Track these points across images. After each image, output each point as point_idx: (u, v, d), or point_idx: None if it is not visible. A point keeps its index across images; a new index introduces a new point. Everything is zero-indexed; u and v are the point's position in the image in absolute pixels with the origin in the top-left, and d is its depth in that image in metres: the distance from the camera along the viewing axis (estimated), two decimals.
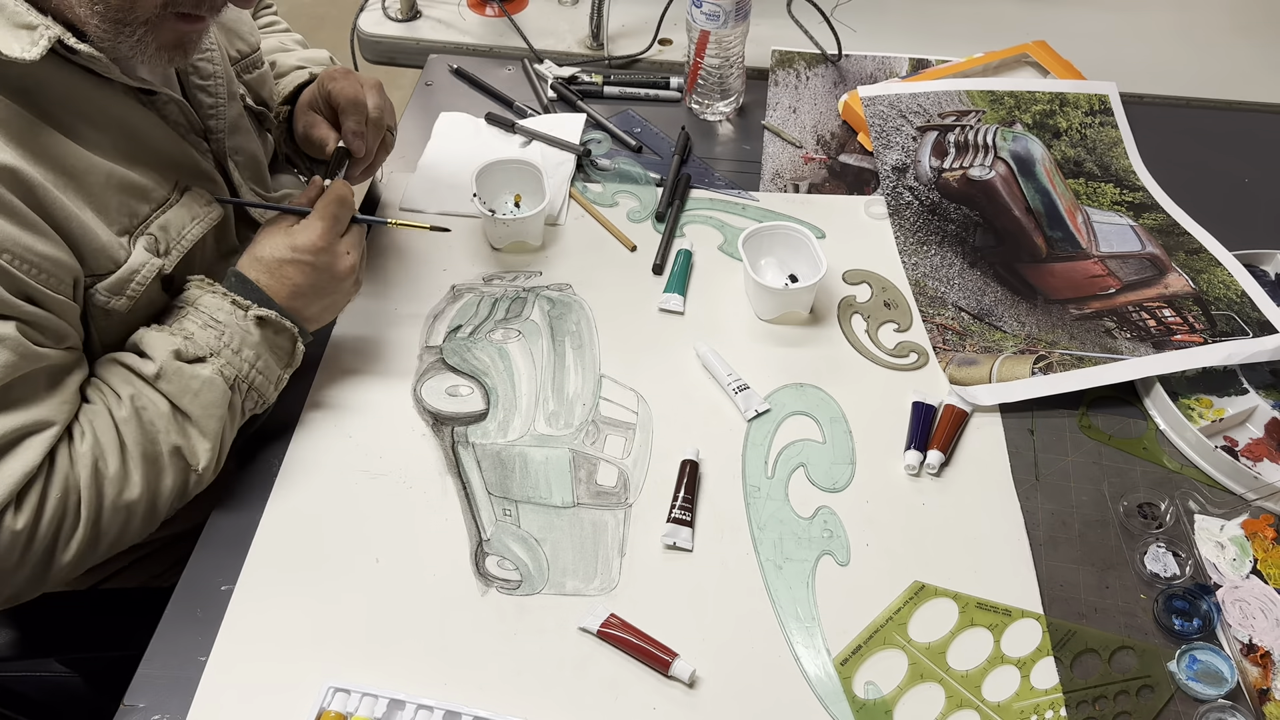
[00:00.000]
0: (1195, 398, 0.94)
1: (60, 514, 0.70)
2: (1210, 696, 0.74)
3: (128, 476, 0.73)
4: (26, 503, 0.68)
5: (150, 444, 0.75)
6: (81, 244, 0.73)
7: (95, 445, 0.72)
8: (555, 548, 0.82)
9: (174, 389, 0.76)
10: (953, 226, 1.10)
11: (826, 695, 0.74)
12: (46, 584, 0.73)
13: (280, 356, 0.83)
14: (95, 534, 0.72)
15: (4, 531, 0.67)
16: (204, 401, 0.77)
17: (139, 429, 0.74)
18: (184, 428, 0.76)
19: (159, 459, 0.75)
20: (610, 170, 1.16)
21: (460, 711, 0.71)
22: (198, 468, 0.77)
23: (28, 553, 0.69)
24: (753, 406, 0.91)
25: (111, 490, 0.72)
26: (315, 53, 1.08)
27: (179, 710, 0.72)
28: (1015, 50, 1.29)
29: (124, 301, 0.77)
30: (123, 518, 0.74)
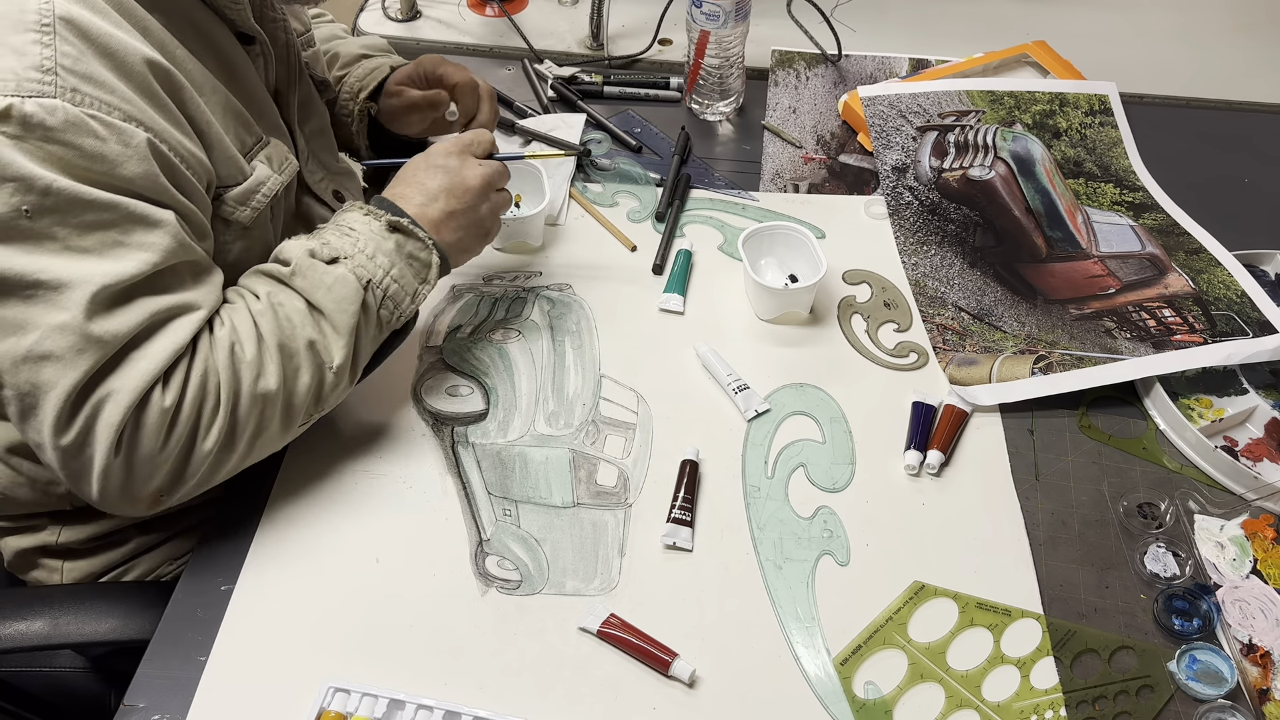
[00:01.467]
0: (1195, 398, 0.94)
1: (201, 396, 0.71)
2: (1210, 696, 0.74)
3: (263, 364, 0.74)
4: (173, 381, 0.70)
5: (285, 336, 0.75)
6: (216, 151, 0.77)
7: (232, 332, 0.74)
8: (555, 548, 0.82)
9: (307, 284, 0.77)
10: (953, 226, 1.10)
11: (826, 695, 0.74)
12: (188, 477, 0.73)
13: (416, 269, 0.82)
14: (233, 423, 0.73)
15: (152, 409, 0.69)
16: (336, 296, 0.77)
17: (274, 321, 0.75)
18: (318, 323, 0.77)
19: (294, 352, 0.76)
20: (610, 170, 1.16)
21: (460, 711, 0.71)
22: (332, 365, 0.77)
23: (172, 433, 0.70)
24: (753, 406, 0.91)
25: (248, 375, 0.73)
26: (373, 39, 1.14)
27: (179, 710, 0.72)
28: (1015, 50, 1.30)
29: (248, 213, 0.81)
30: (260, 409, 0.74)
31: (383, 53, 1.12)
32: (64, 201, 0.65)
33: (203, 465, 0.73)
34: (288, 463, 0.86)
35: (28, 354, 0.66)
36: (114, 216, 0.67)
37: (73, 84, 0.66)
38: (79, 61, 0.66)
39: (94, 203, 0.66)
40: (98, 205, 0.66)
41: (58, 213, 0.65)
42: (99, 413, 0.67)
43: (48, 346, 0.66)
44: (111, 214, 0.67)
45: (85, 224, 0.66)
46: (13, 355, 0.66)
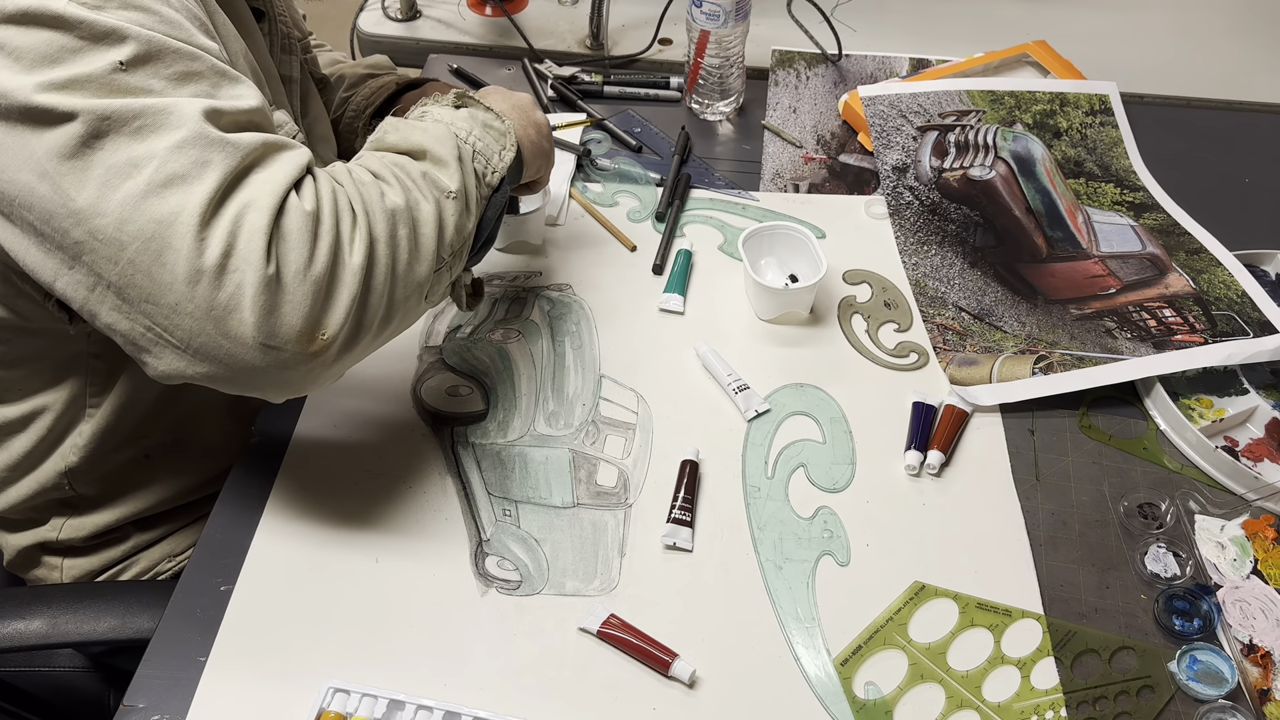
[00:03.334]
0: (1196, 398, 0.94)
1: (336, 207, 0.67)
2: (1210, 697, 0.74)
3: (384, 184, 0.71)
4: (305, 191, 0.66)
5: (398, 168, 0.73)
6: None
7: (342, 166, 0.73)
8: (555, 548, 0.82)
9: (401, 135, 0.76)
10: (953, 226, 1.10)
11: (826, 695, 0.74)
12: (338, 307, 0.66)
13: (494, 135, 0.80)
14: (372, 238, 0.68)
15: (293, 212, 0.64)
16: (433, 135, 0.76)
17: (380, 161, 0.74)
18: (422, 160, 0.75)
19: (410, 180, 0.73)
20: (610, 170, 1.16)
21: (460, 711, 0.71)
22: (450, 190, 0.74)
23: (318, 240, 0.65)
24: (753, 406, 0.91)
25: (372, 193, 0.70)
26: (377, 58, 1.15)
27: (179, 710, 0.72)
28: (1015, 50, 1.30)
29: None
30: (392, 226, 0.69)
31: (387, 70, 1.13)
32: (155, 50, 0.63)
33: (356, 287, 0.66)
34: (288, 462, 0.86)
35: (149, 185, 0.61)
36: (203, 68, 0.66)
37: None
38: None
39: (182, 52, 0.65)
40: (186, 55, 0.65)
41: (151, 62, 0.63)
42: (241, 222, 0.62)
43: (170, 169, 0.61)
44: (200, 65, 0.66)
45: (178, 75, 0.65)
46: (133, 195, 0.61)
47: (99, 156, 0.61)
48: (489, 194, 0.79)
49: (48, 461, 0.88)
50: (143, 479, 0.93)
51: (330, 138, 1.02)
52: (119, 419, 0.87)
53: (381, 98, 1.08)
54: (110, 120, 0.61)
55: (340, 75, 1.11)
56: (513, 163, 0.81)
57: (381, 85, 1.09)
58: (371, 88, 1.09)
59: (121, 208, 0.60)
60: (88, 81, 0.61)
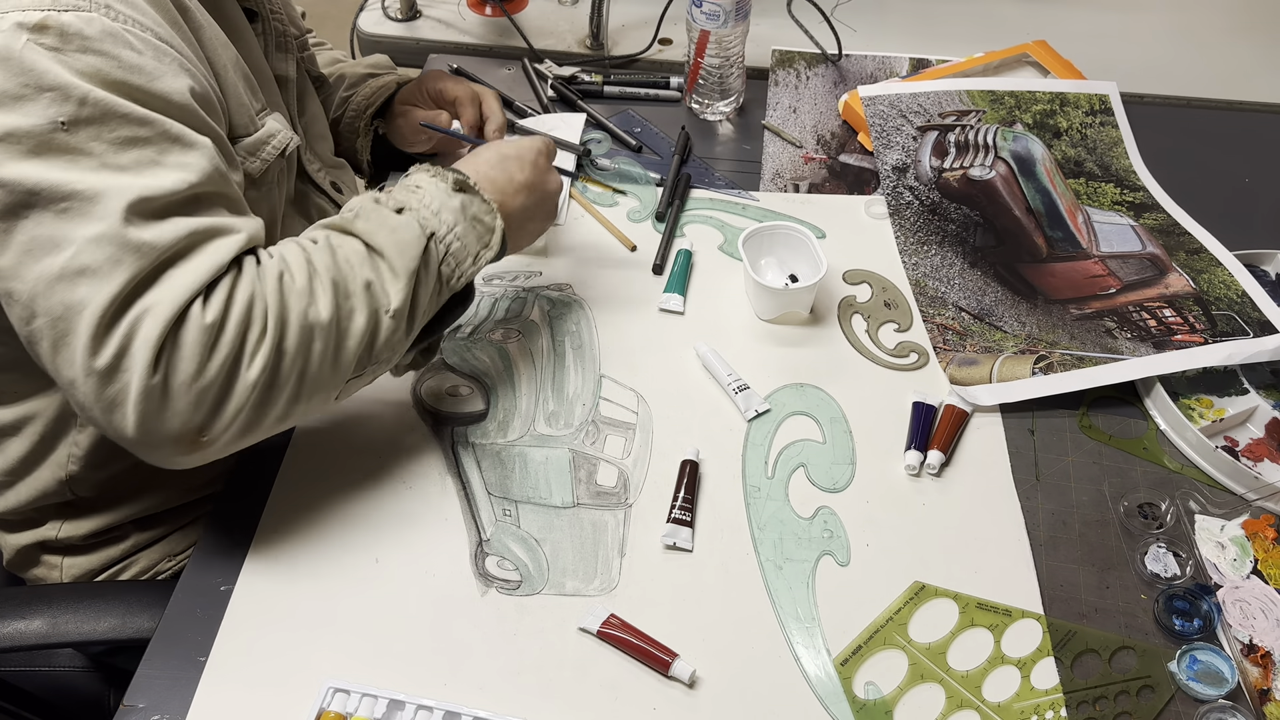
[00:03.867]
0: (1196, 398, 0.94)
1: (246, 317, 0.67)
2: (1210, 697, 0.74)
3: (314, 294, 0.71)
4: (214, 298, 0.67)
5: (340, 273, 0.73)
6: (230, 97, 0.78)
7: (282, 261, 0.72)
8: (555, 548, 0.82)
9: (369, 226, 0.75)
10: (953, 226, 1.10)
11: (826, 695, 0.74)
12: (225, 416, 0.68)
13: (479, 231, 0.80)
14: (279, 354, 0.69)
15: (192, 324, 0.65)
16: (398, 240, 0.75)
17: (330, 258, 0.73)
18: (376, 264, 0.74)
19: (349, 291, 0.72)
20: (610, 170, 1.16)
21: (460, 711, 0.71)
22: (389, 308, 0.74)
23: (214, 355, 0.66)
24: (753, 406, 0.91)
25: (297, 304, 0.70)
26: (376, 58, 1.15)
27: (179, 710, 0.72)
28: (1015, 50, 1.29)
29: (257, 164, 0.81)
30: (307, 341, 0.70)
31: (387, 70, 1.13)
32: (101, 113, 0.64)
33: (247, 399, 0.68)
34: (288, 462, 0.86)
35: (62, 271, 0.63)
36: (150, 133, 0.66)
37: (106, 2, 0.66)
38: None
39: (130, 116, 0.65)
40: (134, 119, 0.65)
41: (94, 125, 0.64)
42: (136, 329, 0.64)
43: (83, 260, 0.63)
44: (148, 130, 0.66)
45: (122, 139, 0.65)
46: (47, 275, 0.63)
47: (22, 225, 0.64)
48: (449, 296, 0.81)
49: (45, 468, 0.88)
50: (142, 484, 0.93)
51: (328, 136, 1.02)
52: None
53: (382, 98, 1.09)
54: (38, 196, 0.63)
55: (341, 75, 1.11)
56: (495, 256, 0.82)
57: (382, 85, 1.09)
58: (372, 87, 1.09)
59: (36, 283, 0.64)
60: (24, 137, 0.63)
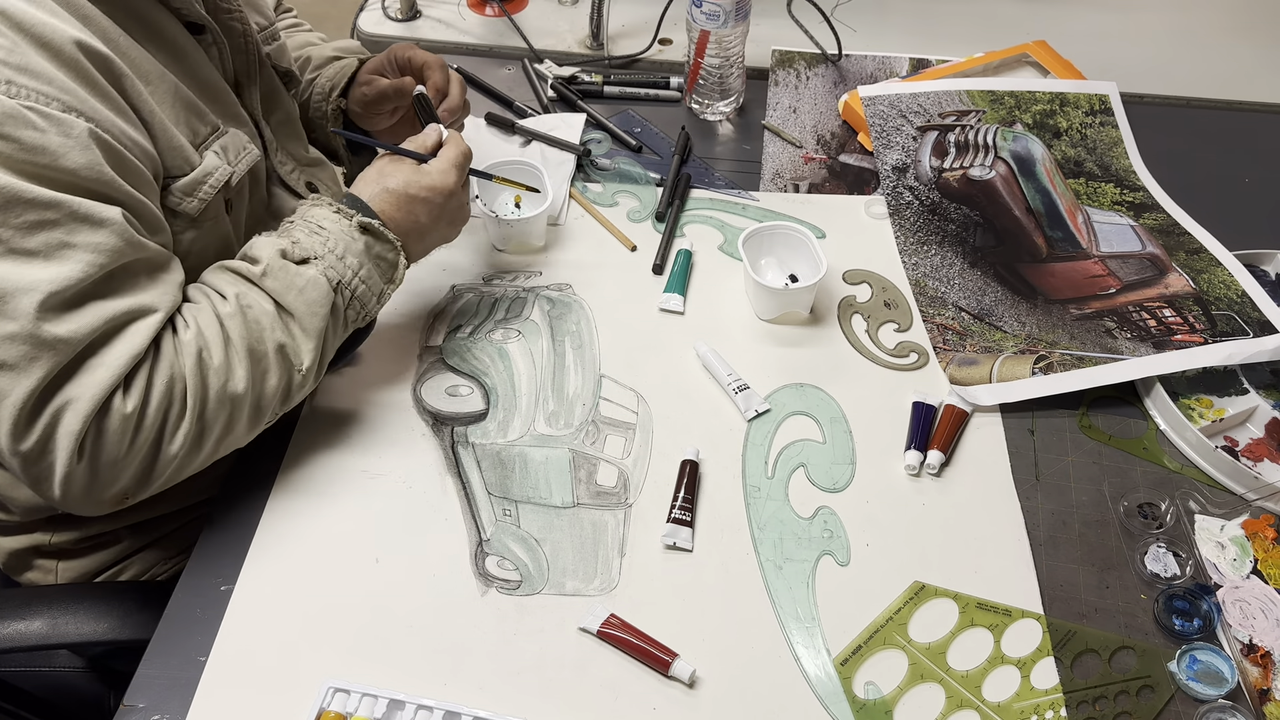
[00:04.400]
0: (1195, 398, 0.94)
1: (167, 400, 0.71)
2: (1210, 696, 0.74)
3: (232, 368, 0.74)
4: (134, 386, 0.69)
5: (255, 339, 0.75)
6: (161, 140, 0.76)
7: (199, 336, 0.73)
8: (555, 548, 0.82)
9: (279, 286, 0.77)
10: (953, 226, 1.10)
11: (826, 695, 0.74)
12: (154, 479, 0.73)
13: (383, 269, 0.83)
14: (201, 426, 0.73)
15: (114, 415, 0.68)
16: (308, 299, 0.77)
17: (243, 324, 0.75)
18: (288, 325, 0.77)
19: (263, 355, 0.76)
20: (610, 170, 1.16)
21: (460, 711, 0.71)
22: (301, 367, 0.78)
23: (137, 439, 0.70)
24: (753, 406, 0.91)
25: (216, 380, 0.73)
26: (345, 42, 1.13)
27: (179, 710, 0.72)
28: (1015, 50, 1.29)
29: (195, 204, 0.79)
30: (228, 411, 0.74)
31: (354, 53, 1.10)
32: (6, 200, 0.64)
33: (169, 466, 0.73)
34: (287, 463, 0.86)
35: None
36: (58, 215, 0.66)
37: (7, 76, 0.64)
38: (12, 53, 0.65)
39: (36, 200, 0.65)
40: (40, 203, 0.65)
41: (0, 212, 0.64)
42: (58, 421, 0.67)
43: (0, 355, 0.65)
44: (55, 213, 0.66)
45: (29, 224, 0.65)
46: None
47: None
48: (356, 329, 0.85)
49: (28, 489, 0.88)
50: None
51: (298, 129, 1.01)
52: None
53: (344, 78, 1.06)
54: None
55: (307, 58, 1.09)
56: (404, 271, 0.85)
57: (345, 65, 1.06)
58: (337, 67, 1.06)
59: None
60: None
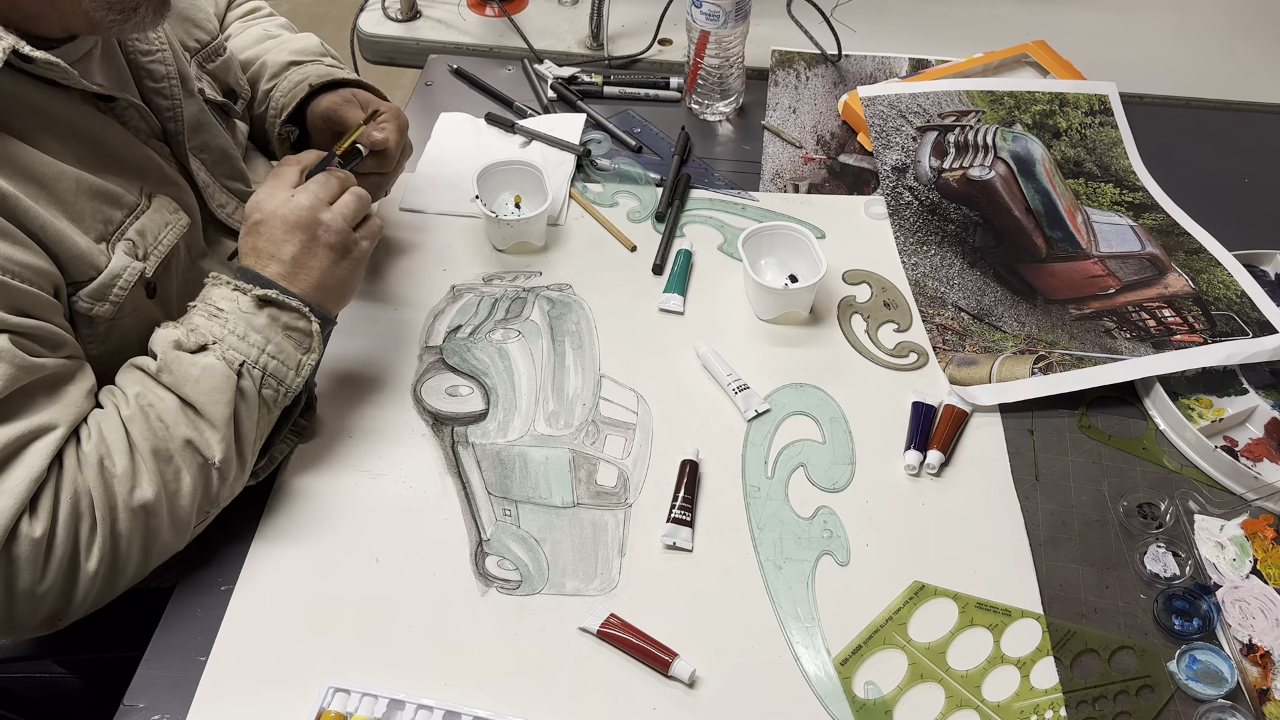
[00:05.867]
0: (1195, 398, 0.94)
1: (75, 518, 0.68)
2: (1210, 696, 0.74)
3: (137, 475, 0.71)
4: (40, 509, 0.67)
5: (159, 440, 0.72)
6: (59, 251, 0.72)
7: (100, 444, 0.70)
8: (555, 548, 0.82)
9: (175, 379, 0.73)
10: (953, 226, 1.10)
11: (826, 695, 0.74)
12: (78, 599, 0.70)
13: (296, 339, 0.78)
14: (114, 540, 0.70)
15: (23, 541, 0.66)
16: (206, 388, 0.73)
17: (146, 425, 0.72)
18: (193, 420, 0.73)
19: (170, 456, 0.72)
20: (610, 170, 1.16)
21: (460, 711, 0.71)
22: (214, 460, 0.74)
23: (49, 562, 0.67)
24: (753, 406, 0.91)
25: (121, 489, 0.70)
26: (305, 40, 1.05)
27: (179, 710, 0.72)
28: (1015, 50, 1.30)
29: (107, 307, 0.75)
30: (141, 521, 0.71)
31: (314, 58, 1.03)
32: None
33: (93, 586, 0.70)
34: (287, 463, 0.86)
35: None
36: None
37: None
38: None
39: None
40: None
41: None
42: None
43: None
44: None
45: None
46: None
47: None
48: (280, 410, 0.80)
49: None
50: None
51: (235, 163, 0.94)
52: None
53: (294, 101, 0.98)
54: None
55: (262, 64, 1.02)
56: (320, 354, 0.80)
57: (294, 86, 0.98)
58: (290, 83, 0.99)
59: None
60: None
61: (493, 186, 1.07)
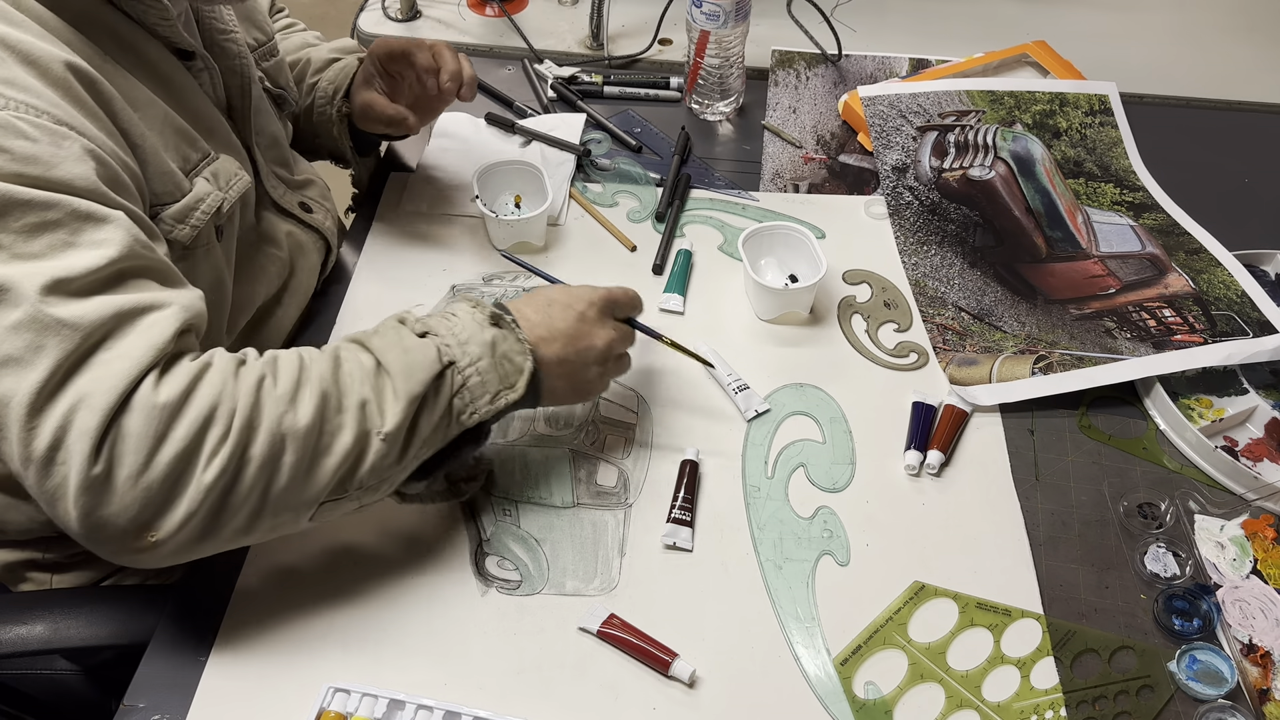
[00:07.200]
0: (1195, 398, 0.94)
1: (206, 417, 0.63)
2: (1210, 696, 0.74)
3: (297, 403, 0.66)
4: (170, 380, 0.63)
5: (335, 387, 0.68)
6: (150, 165, 0.74)
7: (267, 365, 0.68)
8: (555, 548, 0.82)
9: (384, 343, 0.72)
10: (953, 226, 1.10)
11: (826, 695, 0.74)
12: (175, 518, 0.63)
13: (504, 372, 0.75)
14: (241, 461, 0.64)
15: (137, 413, 0.61)
16: (409, 361, 0.71)
17: (330, 370, 0.69)
18: (379, 386, 0.70)
19: (340, 407, 0.68)
20: (610, 170, 1.16)
21: (460, 711, 0.71)
22: (382, 430, 0.68)
23: (163, 445, 0.62)
24: (753, 406, 0.91)
25: (272, 409, 0.65)
26: (343, 42, 1.12)
27: (179, 710, 0.72)
28: (1015, 50, 1.30)
29: (187, 231, 0.77)
30: (277, 452, 0.65)
31: (352, 53, 1.09)
32: (3, 205, 0.61)
33: (198, 507, 0.63)
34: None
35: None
36: (59, 215, 0.62)
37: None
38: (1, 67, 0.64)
39: (33, 202, 0.62)
40: (38, 205, 0.62)
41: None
42: (72, 419, 0.60)
43: (5, 350, 0.60)
44: (55, 212, 0.62)
45: (29, 227, 0.62)
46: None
47: None
48: (459, 431, 0.75)
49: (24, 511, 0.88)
50: None
51: (285, 151, 0.98)
52: None
53: (345, 81, 1.03)
54: None
55: (306, 60, 1.07)
56: (517, 400, 0.76)
57: (344, 68, 1.04)
58: (336, 70, 1.04)
59: None
60: None
61: (493, 186, 1.07)
